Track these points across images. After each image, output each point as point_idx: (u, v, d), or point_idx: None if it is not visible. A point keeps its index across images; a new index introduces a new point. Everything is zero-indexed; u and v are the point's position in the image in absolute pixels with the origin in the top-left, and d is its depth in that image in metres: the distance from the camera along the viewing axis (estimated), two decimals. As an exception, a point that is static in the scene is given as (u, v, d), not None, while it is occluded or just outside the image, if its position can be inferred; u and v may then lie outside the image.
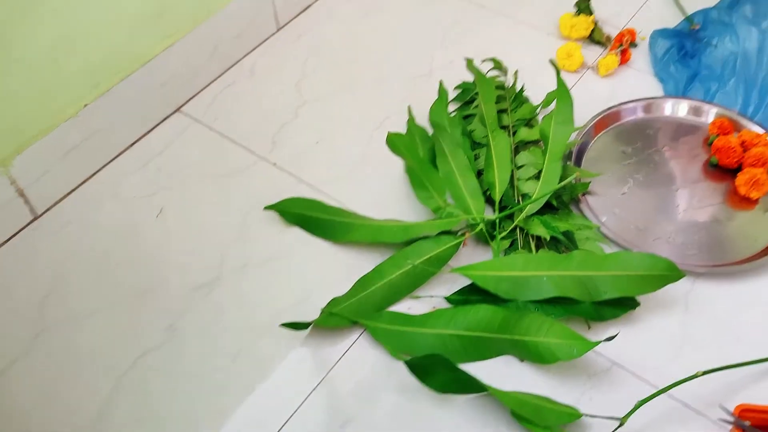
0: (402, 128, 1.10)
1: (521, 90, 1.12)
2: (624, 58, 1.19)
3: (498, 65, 1.15)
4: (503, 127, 1.06)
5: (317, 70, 1.22)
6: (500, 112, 1.09)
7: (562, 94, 1.03)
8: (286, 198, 1.03)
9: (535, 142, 1.05)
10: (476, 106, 1.10)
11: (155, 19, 1.07)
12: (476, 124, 1.08)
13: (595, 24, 1.23)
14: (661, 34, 1.20)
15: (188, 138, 1.13)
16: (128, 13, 1.03)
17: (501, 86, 1.13)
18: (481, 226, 0.95)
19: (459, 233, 0.96)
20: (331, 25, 1.30)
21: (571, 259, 0.88)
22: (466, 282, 0.92)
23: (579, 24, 1.22)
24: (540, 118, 1.09)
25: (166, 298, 0.95)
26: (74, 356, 0.90)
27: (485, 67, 1.15)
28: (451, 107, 1.14)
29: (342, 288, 0.93)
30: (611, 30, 1.24)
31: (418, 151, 1.04)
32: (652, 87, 1.17)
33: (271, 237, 1.01)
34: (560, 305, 0.88)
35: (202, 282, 0.96)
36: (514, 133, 1.06)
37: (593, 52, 1.22)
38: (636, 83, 1.18)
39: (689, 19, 1.20)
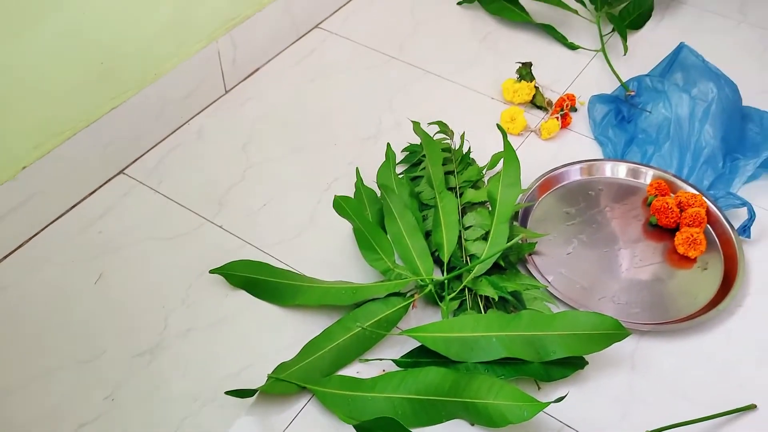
0: (350, 190, 1.11)
1: (468, 152, 1.15)
2: (565, 122, 1.23)
3: (444, 128, 1.18)
4: (450, 189, 1.08)
5: (265, 133, 1.23)
6: (447, 173, 1.10)
7: (509, 157, 1.05)
8: (231, 261, 1.01)
9: (482, 203, 1.06)
10: (423, 168, 1.12)
11: (101, 80, 1.07)
12: (424, 185, 1.09)
13: (537, 89, 1.27)
14: (599, 99, 1.25)
15: (132, 200, 1.11)
16: (73, 73, 1.02)
17: (447, 148, 1.15)
18: (430, 287, 0.95)
19: (408, 295, 0.96)
20: (279, 89, 1.31)
21: (519, 319, 0.89)
22: (416, 344, 0.91)
23: (521, 89, 1.26)
24: (486, 179, 1.11)
25: (106, 367, 0.91)
26: (7, 430, 0.85)
27: (432, 130, 1.17)
28: (399, 169, 1.15)
29: (290, 352, 0.91)
30: (552, 95, 1.29)
31: (365, 214, 1.05)
32: (592, 150, 1.21)
33: (216, 301, 0.98)
34: (510, 366, 0.88)
35: (144, 349, 0.93)
36: (461, 195, 1.07)
37: (535, 116, 1.26)
38: (577, 146, 1.22)
39: (625, 86, 1.26)
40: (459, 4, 1.48)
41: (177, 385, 0.90)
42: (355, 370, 0.91)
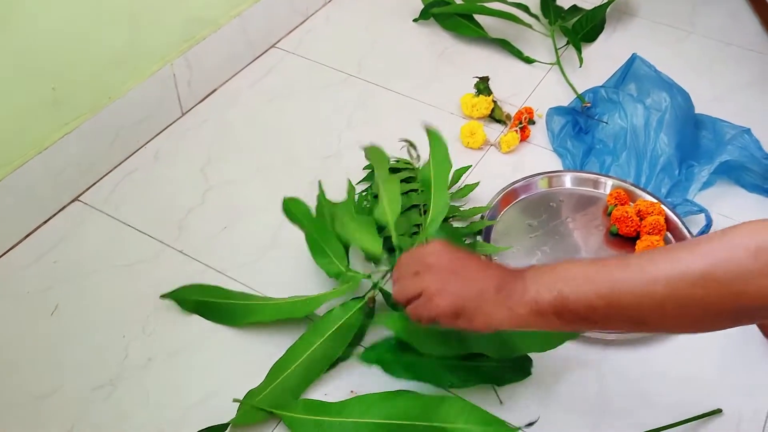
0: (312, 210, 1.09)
1: None
2: (524, 135, 1.24)
3: (411, 147, 1.17)
4: (414, 206, 1.07)
5: (223, 155, 1.21)
6: (411, 191, 1.10)
7: (433, 139, 1.04)
8: (183, 285, 0.99)
9: None
10: None
11: (50, 107, 1.04)
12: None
13: (495, 103, 1.28)
14: (557, 111, 1.26)
15: (88, 228, 1.08)
16: (22, 99, 1.00)
17: (411, 167, 1.15)
18: (380, 283, 0.95)
19: (365, 295, 0.96)
20: (237, 110, 1.29)
21: None
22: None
23: (479, 104, 1.27)
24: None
25: (64, 402, 0.88)
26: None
27: (400, 147, 1.17)
28: (361, 187, 1.14)
29: (256, 377, 0.89)
30: (510, 109, 1.30)
31: (312, 216, 1.03)
32: (552, 161, 1.22)
33: (178, 328, 0.96)
34: (473, 362, 0.88)
35: (104, 381, 0.90)
36: (424, 212, 1.07)
37: (495, 130, 1.27)
38: (537, 158, 1.23)
39: (580, 98, 1.27)
40: (415, 20, 1.49)
41: (140, 416, 0.87)
42: (323, 393, 0.89)
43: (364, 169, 1.17)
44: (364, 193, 1.13)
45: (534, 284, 0.69)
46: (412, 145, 1.17)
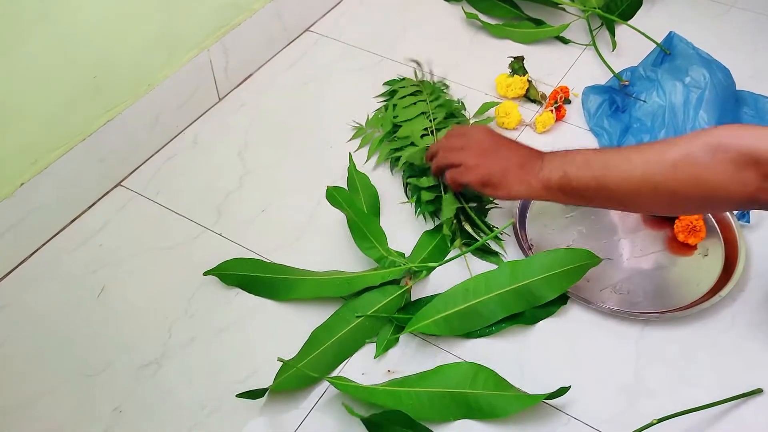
0: (348, 192, 1.11)
1: (440, 84, 1.24)
2: (559, 115, 1.23)
3: (420, 66, 1.24)
4: (423, 113, 1.15)
5: (260, 138, 1.23)
6: (420, 101, 1.18)
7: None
8: (224, 260, 1.01)
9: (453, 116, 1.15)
10: (401, 97, 1.20)
11: (94, 94, 1.07)
12: (399, 110, 1.18)
13: (530, 83, 1.27)
14: (593, 90, 1.25)
15: (130, 212, 1.11)
16: (65, 87, 1.02)
17: (416, 84, 1.23)
18: (425, 273, 0.98)
19: (402, 282, 0.98)
20: (272, 94, 1.31)
21: (502, 273, 0.93)
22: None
23: (514, 84, 1.26)
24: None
25: (112, 379, 0.91)
26: (13, 448, 0.85)
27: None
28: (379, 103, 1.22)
29: (297, 350, 0.91)
30: (545, 88, 1.29)
31: (357, 204, 1.07)
32: (588, 140, 1.21)
33: (220, 308, 0.99)
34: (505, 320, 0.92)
35: (149, 360, 0.93)
36: (433, 119, 1.14)
37: (530, 110, 1.26)
38: (572, 138, 1.22)
39: (618, 77, 1.26)
40: (447, 0, 1.48)
41: (184, 393, 0.90)
42: (360, 372, 0.91)
43: (384, 84, 1.24)
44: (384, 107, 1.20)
45: (548, 164, 0.85)
46: (419, 65, 1.20)
